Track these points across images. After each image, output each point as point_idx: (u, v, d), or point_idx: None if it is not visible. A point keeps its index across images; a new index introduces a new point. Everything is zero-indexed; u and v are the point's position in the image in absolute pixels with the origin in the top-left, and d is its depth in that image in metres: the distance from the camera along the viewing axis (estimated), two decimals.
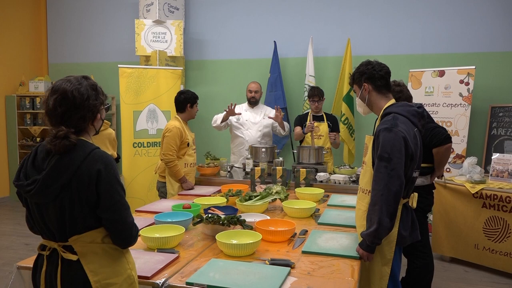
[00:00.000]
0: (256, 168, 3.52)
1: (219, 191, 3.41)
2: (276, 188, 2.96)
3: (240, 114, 4.26)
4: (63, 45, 6.69)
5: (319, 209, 2.87)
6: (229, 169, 4.07)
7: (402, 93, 2.81)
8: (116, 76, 5.00)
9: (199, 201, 2.89)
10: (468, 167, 4.04)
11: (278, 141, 5.14)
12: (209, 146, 5.49)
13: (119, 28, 6.29)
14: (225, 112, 4.24)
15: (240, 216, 2.28)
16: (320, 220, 2.58)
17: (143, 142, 4.92)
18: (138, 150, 5.04)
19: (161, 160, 3.48)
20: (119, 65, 5.02)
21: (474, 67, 4.56)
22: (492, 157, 4.13)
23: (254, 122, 4.39)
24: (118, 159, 3.69)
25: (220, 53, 5.87)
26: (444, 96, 4.64)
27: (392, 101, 2.12)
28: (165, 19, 5.58)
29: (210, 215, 2.28)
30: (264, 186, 3.30)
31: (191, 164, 3.58)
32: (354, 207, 2.89)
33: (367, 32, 5.34)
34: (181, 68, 5.39)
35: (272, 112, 4.42)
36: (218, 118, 4.35)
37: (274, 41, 5.44)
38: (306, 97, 5.14)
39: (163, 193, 3.58)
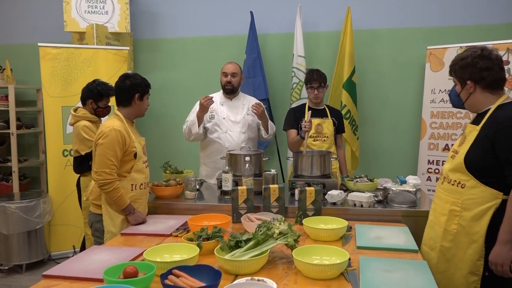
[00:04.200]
0: (239, 188, 2.61)
1: (185, 227, 2.45)
2: (280, 225, 1.98)
3: (212, 101, 3.36)
4: None
5: (350, 258, 1.91)
6: (198, 187, 3.18)
7: None
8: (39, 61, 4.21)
9: (152, 256, 1.86)
10: None
11: (259, 143, 4.23)
12: (167, 155, 4.72)
13: None
14: (195, 112, 3.42)
15: None
16: (363, 285, 1.62)
17: None
18: (70, 160, 4.13)
19: (94, 180, 2.52)
20: (39, 44, 4.21)
21: None
22: None
23: (234, 120, 3.53)
24: (82, 158, 3.33)
25: (180, 29, 5.08)
26: None
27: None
28: None
29: None
30: (255, 218, 2.38)
31: (141, 184, 2.64)
32: (396, 250, 2.07)
33: None
34: (128, 48, 4.58)
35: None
36: (192, 124, 3.43)
37: (251, 12, 4.68)
38: (295, 84, 4.51)
39: (98, 232, 2.59)
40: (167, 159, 3.72)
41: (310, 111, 3.30)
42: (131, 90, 2.61)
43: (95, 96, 3.39)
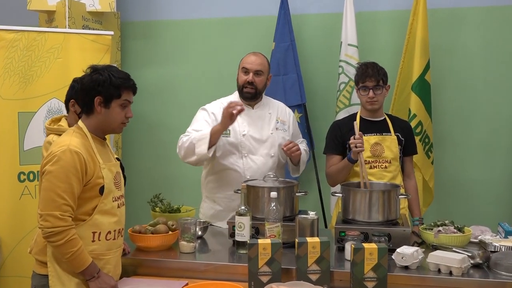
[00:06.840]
0: (260, 242, 2.35)
1: None
2: None
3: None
4: None
5: None
6: (200, 233, 3.00)
7: None
8: None
9: None
10: None
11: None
12: (164, 182, 4.80)
13: None
14: (201, 122, 3.34)
15: None
16: None
17: (38, 173, 4.07)
18: (29, 187, 4.13)
19: (39, 227, 2.30)
20: None
21: None
22: None
23: (259, 138, 3.37)
24: None
25: (184, 8, 5.11)
26: None
27: None
28: None
29: None
30: None
31: (108, 233, 2.39)
32: None
33: None
34: (112, 32, 4.51)
35: (286, 114, 3.54)
36: (198, 139, 3.17)
37: None
38: (343, 84, 4.50)
39: None
40: (163, 189, 3.62)
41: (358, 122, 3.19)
42: (90, 91, 2.39)
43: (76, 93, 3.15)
